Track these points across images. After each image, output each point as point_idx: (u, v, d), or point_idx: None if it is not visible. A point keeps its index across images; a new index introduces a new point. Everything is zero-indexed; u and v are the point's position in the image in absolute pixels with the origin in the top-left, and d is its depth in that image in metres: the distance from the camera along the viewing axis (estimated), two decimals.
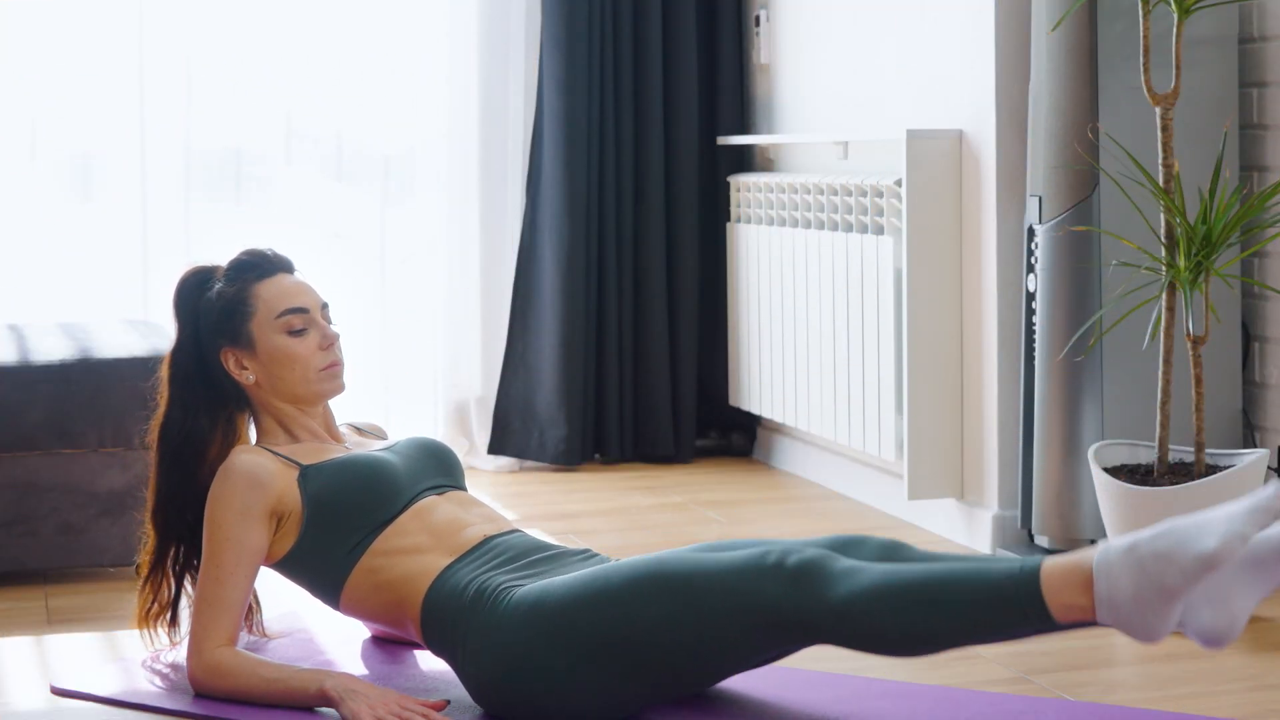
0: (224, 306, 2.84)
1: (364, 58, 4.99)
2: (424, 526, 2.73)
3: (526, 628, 2.50)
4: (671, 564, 2.48)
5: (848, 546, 2.56)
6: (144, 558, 2.89)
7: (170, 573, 2.87)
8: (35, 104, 4.80)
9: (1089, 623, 2.29)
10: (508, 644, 2.51)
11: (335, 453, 2.84)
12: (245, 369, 2.84)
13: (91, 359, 3.56)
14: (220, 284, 2.86)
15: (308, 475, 2.75)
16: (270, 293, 2.84)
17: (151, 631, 2.89)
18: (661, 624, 2.44)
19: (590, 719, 2.50)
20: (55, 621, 3.26)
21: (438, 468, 2.89)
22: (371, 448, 2.92)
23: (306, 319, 2.84)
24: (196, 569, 2.85)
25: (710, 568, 2.45)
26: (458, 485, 2.91)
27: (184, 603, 2.88)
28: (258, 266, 2.87)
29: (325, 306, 2.89)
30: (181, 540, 2.86)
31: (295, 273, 2.91)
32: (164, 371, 2.88)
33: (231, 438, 2.87)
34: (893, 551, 2.54)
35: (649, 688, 2.50)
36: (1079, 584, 2.27)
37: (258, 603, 2.98)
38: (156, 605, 2.88)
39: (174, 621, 2.89)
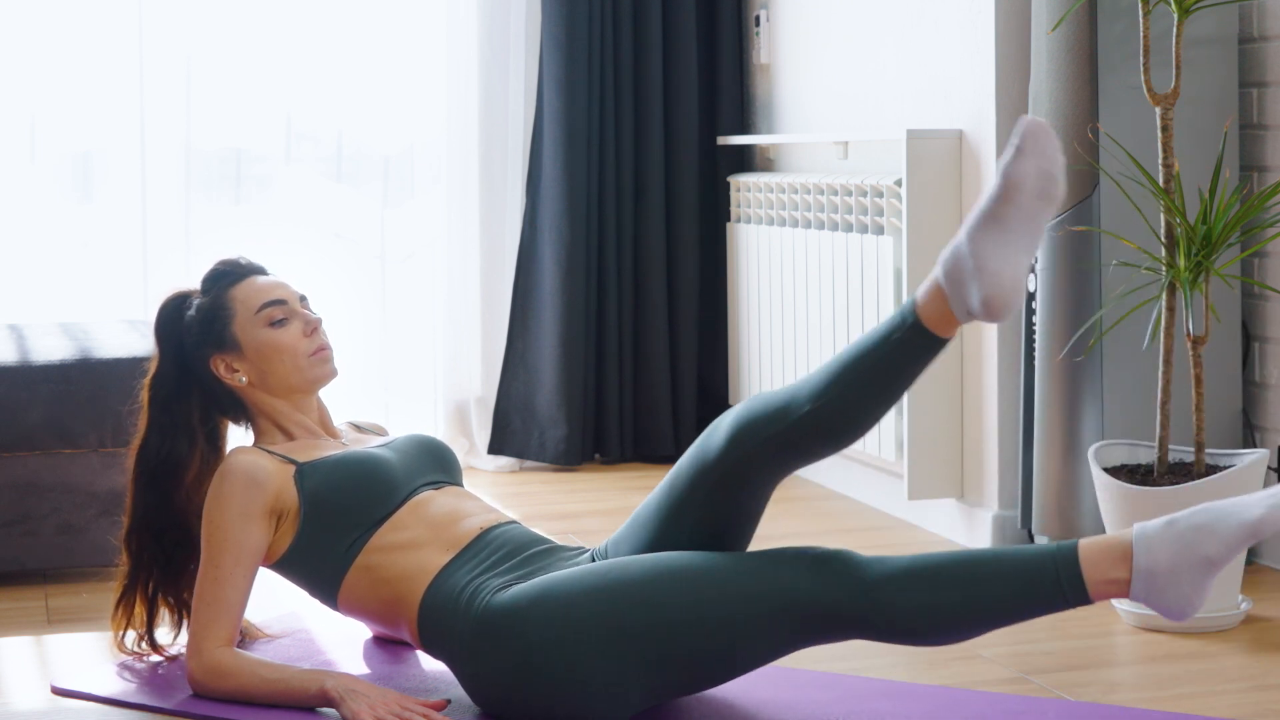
0: (204, 317, 2.87)
1: (364, 58, 4.99)
2: (421, 520, 2.73)
3: (529, 624, 2.48)
4: (694, 558, 2.48)
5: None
6: (118, 581, 2.89)
7: (142, 599, 2.87)
8: (35, 103, 4.80)
9: (1121, 596, 2.33)
10: (509, 640, 2.49)
11: (331, 449, 2.84)
12: (236, 371, 2.86)
13: (91, 359, 3.56)
14: (198, 300, 2.89)
15: (304, 472, 2.75)
16: (245, 293, 2.88)
17: (131, 654, 2.90)
18: (684, 613, 2.42)
19: (592, 717, 2.49)
20: (55, 621, 3.26)
21: (435, 464, 2.89)
22: (369, 444, 2.93)
23: (286, 310, 2.87)
24: (171, 597, 2.87)
25: (734, 559, 2.46)
26: (454, 482, 2.91)
27: (160, 625, 2.88)
28: (229, 273, 2.91)
29: (304, 298, 2.93)
30: (155, 566, 2.86)
31: (269, 274, 2.94)
32: (143, 396, 2.90)
33: (211, 461, 2.88)
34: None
35: (659, 684, 2.48)
36: (1117, 558, 2.31)
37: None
38: (131, 631, 2.88)
39: (153, 646, 2.89)
